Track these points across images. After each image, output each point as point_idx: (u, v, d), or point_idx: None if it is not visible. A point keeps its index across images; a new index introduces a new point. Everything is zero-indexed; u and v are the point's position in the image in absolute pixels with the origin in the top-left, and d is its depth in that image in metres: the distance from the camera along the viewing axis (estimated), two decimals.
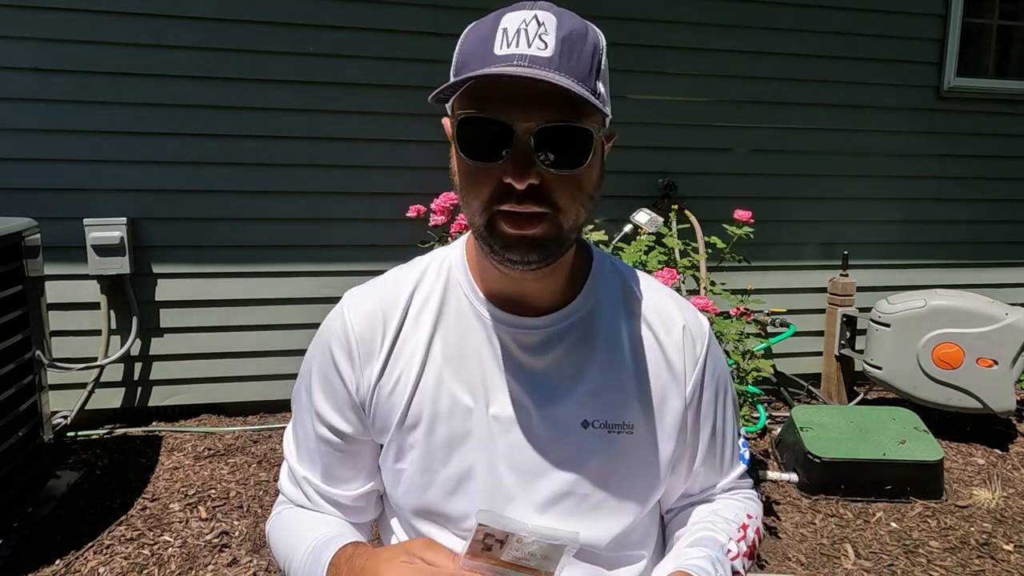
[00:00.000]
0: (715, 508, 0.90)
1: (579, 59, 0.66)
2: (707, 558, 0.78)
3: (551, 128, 0.65)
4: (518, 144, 0.66)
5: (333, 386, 0.83)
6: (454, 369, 0.81)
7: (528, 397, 0.80)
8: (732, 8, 3.40)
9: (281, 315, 3.15)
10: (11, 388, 2.26)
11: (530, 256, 0.70)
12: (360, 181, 3.16)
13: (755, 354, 2.66)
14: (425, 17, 3.09)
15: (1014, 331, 2.93)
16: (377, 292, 0.84)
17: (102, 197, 2.93)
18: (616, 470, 0.81)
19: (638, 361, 0.83)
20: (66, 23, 2.81)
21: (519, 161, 0.66)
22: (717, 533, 0.84)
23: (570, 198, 0.69)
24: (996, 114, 3.75)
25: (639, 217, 2.81)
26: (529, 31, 0.66)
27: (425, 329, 0.81)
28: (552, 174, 0.67)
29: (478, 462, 0.80)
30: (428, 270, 0.85)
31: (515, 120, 0.65)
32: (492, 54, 0.66)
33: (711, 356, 0.87)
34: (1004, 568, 2.21)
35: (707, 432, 0.87)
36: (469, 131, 0.68)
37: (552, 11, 0.68)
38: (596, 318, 0.83)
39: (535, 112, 0.65)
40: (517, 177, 0.66)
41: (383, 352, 0.81)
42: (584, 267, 0.85)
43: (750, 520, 0.88)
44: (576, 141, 0.67)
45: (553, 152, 0.66)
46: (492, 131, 0.66)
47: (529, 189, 0.67)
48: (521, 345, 0.80)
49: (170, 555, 2.16)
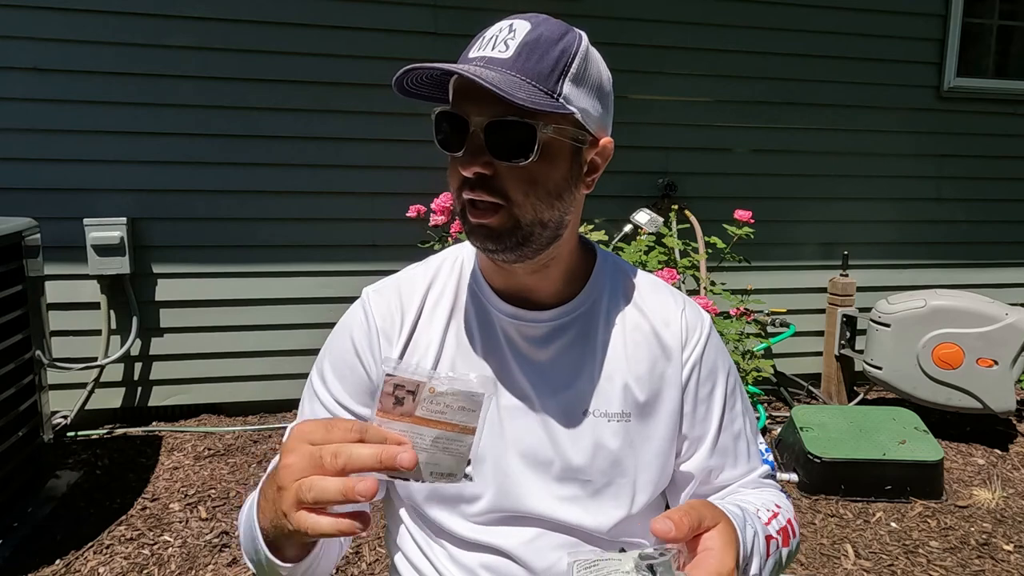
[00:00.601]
0: (742, 494, 0.89)
1: (540, 60, 0.71)
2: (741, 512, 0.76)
3: (497, 122, 0.71)
4: (472, 136, 0.72)
5: (354, 372, 0.86)
6: (466, 359, 0.85)
7: (533, 387, 0.84)
8: (732, 8, 3.40)
9: (281, 315, 3.15)
10: (11, 388, 2.26)
11: (487, 244, 0.75)
12: (360, 181, 3.16)
13: (755, 354, 2.66)
14: (425, 17, 3.09)
15: (1014, 331, 2.93)
16: (396, 287, 0.89)
17: (102, 197, 2.93)
18: (616, 457, 0.84)
19: (636, 351, 0.86)
20: (66, 23, 2.81)
21: (469, 151, 0.72)
22: (748, 505, 0.83)
23: (523, 192, 0.73)
24: (996, 114, 3.75)
25: (639, 217, 2.81)
26: (499, 36, 0.73)
27: (440, 322, 0.86)
28: (503, 166, 0.72)
29: (488, 448, 0.83)
30: (443, 266, 0.91)
31: (470, 114, 0.72)
32: (466, 57, 0.74)
33: (710, 348, 0.89)
34: (1004, 568, 2.21)
35: (714, 424, 0.88)
36: (440, 124, 0.75)
37: (530, 20, 0.74)
38: (598, 313, 0.87)
39: (488, 108, 0.70)
40: (465, 165, 0.72)
41: (401, 341, 0.86)
42: (587, 265, 0.89)
43: (779, 509, 0.86)
44: (517, 135, 0.71)
45: (500, 145, 0.71)
46: (455, 125, 0.73)
47: (480, 179, 0.72)
48: (526, 337, 0.85)
49: (170, 555, 2.16)
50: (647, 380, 0.85)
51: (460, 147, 0.72)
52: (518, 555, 0.83)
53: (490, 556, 0.83)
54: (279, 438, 2.99)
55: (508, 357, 0.84)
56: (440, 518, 0.85)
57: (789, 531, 0.84)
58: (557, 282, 0.85)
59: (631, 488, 0.85)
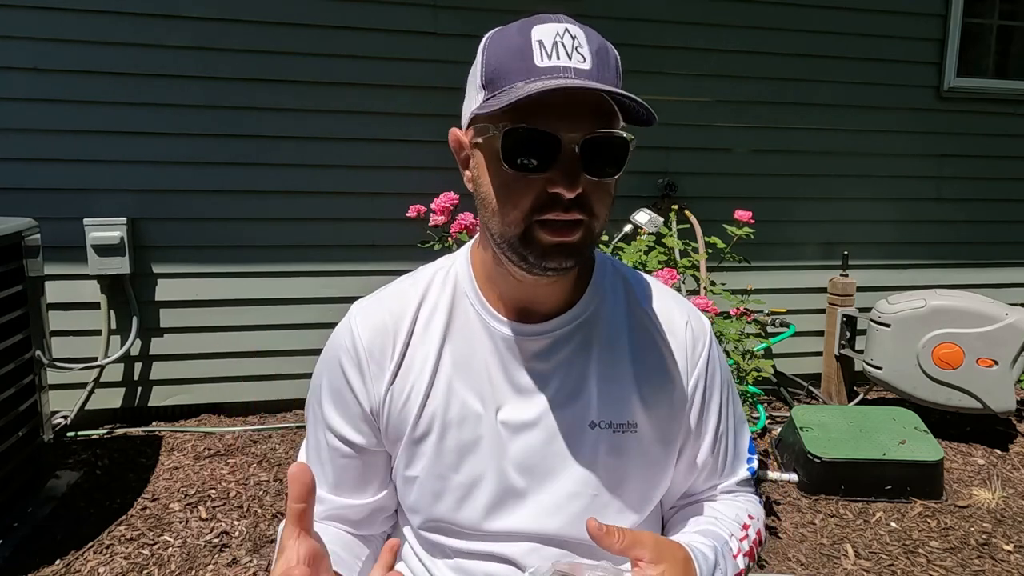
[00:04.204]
0: (716, 507, 0.91)
1: (609, 69, 0.70)
2: (711, 546, 0.79)
3: (595, 138, 0.68)
4: (565, 154, 0.67)
5: (345, 400, 0.84)
6: (463, 377, 0.82)
7: (535, 401, 0.82)
8: (732, 8, 3.40)
9: (281, 315, 3.15)
10: (11, 388, 2.26)
11: (567, 263, 0.72)
12: (360, 181, 3.16)
13: (755, 354, 2.66)
14: (425, 17, 3.09)
15: (1014, 331, 2.92)
16: (384, 304, 0.85)
17: (102, 197, 2.93)
18: (622, 469, 0.83)
19: (641, 361, 0.84)
20: (66, 23, 2.81)
21: (568, 171, 0.68)
22: (719, 528, 0.85)
23: (604, 205, 0.73)
24: (996, 114, 3.75)
25: (639, 217, 2.81)
26: (566, 44, 0.68)
27: (435, 339, 0.83)
28: (593, 182, 0.70)
29: (488, 467, 0.81)
30: (434, 281, 0.86)
31: (561, 131, 0.67)
32: (534, 66, 0.67)
33: (713, 356, 0.89)
34: (1004, 568, 2.21)
35: (711, 432, 0.89)
36: (515, 142, 0.68)
37: (578, 25, 0.71)
38: (599, 320, 0.84)
39: (578, 123, 0.67)
40: (568, 187, 0.68)
41: (393, 363, 0.82)
42: (586, 270, 0.86)
43: (751, 521, 0.89)
44: (616, 149, 0.70)
45: (596, 161, 0.69)
46: (539, 142, 0.67)
47: (577, 198, 0.69)
48: (527, 350, 0.82)
49: (170, 555, 2.16)
50: (653, 391, 0.84)
51: (544, 165, 0.68)
52: (521, 564, 0.82)
53: (492, 564, 0.83)
54: (279, 438, 3.00)
55: (507, 371, 0.82)
56: (441, 542, 0.84)
57: (755, 548, 0.86)
58: (566, 289, 0.83)
59: (636, 499, 0.84)
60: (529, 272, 0.74)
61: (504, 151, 0.68)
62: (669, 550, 0.71)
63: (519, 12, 0.76)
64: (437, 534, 0.85)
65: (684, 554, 0.73)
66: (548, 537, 0.82)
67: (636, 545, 0.69)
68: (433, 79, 3.08)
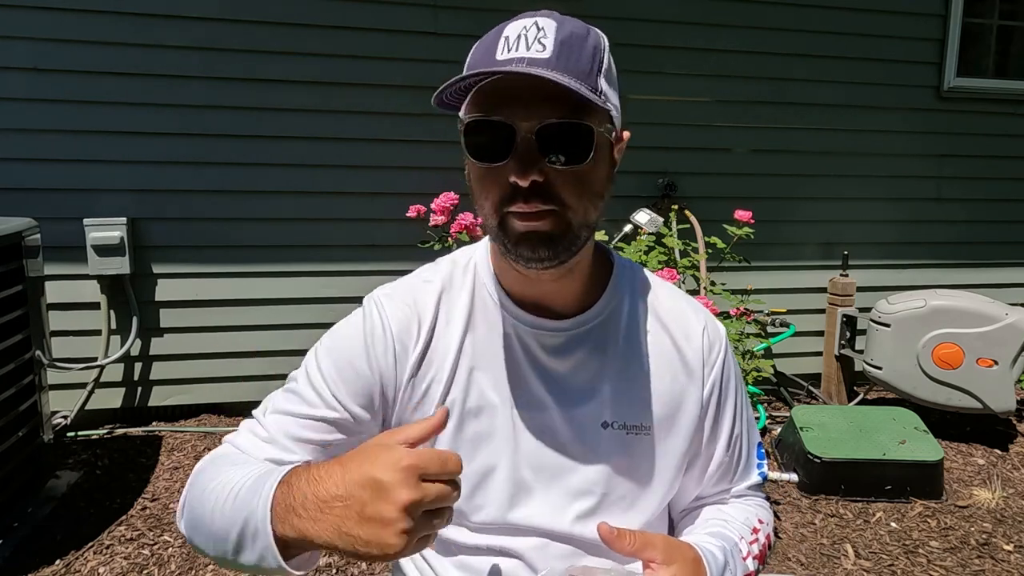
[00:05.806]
0: (727, 510, 0.92)
1: (579, 58, 0.68)
2: (720, 547, 0.80)
3: (552, 125, 0.67)
4: (521, 143, 0.68)
5: (360, 376, 0.81)
6: (483, 368, 0.82)
7: (550, 398, 0.82)
8: (732, 8, 3.40)
9: (281, 315, 3.15)
10: (11, 388, 2.26)
11: (540, 251, 0.71)
12: (360, 181, 3.16)
13: (755, 354, 2.66)
14: (425, 17, 3.08)
15: (1014, 331, 2.92)
16: (410, 292, 0.85)
17: (102, 197, 2.93)
18: (633, 470, 0.83)
19: (657, 364, 0.85)
20: (66, 23, 2.81)
21: (522, 159, 0.68)
22: (729, 530, 0.86)
23: (576, 195, 0.71)
24: (996, 114, 3.75)
25: (639, 217, 2.81)
26: (529, 36, 0.68)
27: (457, 329, 0.83)
28: (557, 171, 0.69)
29: (501, 459, 0.82)
30: (455, 271, 0.87)
31: (517, 120, 0.67)
32: (494, 60, 0.68)
33: (728, 362, 0.89)
34: (1004, 568, 2.21)
35: (724, 436, 0.89)
36: (475, 134, 0.70)
37: (553, 17, 0.71)
38: (616, 322, 0.85)
39: (536, 111, 0.67)
40: (520, 175, 0.67)
41: (418, 350, 0.82)
42: (605, 272, 0.87)
43: (761, 525, 0.90)
44: (577, 137, 0.68)
45: (556, 149, 0.68)
46: (496, 133, 0.68)
47: (534, 187, 0.68)
48: (544, 347, 0.82)
49: (170, 555, 2.16)
50: (668, 394, 0.84)
51: (504, 155, 0.68)
52: (527, 559, 0.82)
53: (497, 558, 0.83)
54: None
55: (525, 367, 0.82)
56: (446, 530, 0.83)
57: (765, 551, 0.87)
58: (577, 289, 0.83)
59: (646, 500, 0.85)
60: (515, 262, 0.74)
61: (466, 144, 0.70)
62: (679, 551, 0.72)
63: (519, 12, 0.76)
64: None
65: (694, 554, 0.74)
66: (556, 533, 0.82)
67: (647, 547, 0.70)
68: (433, 79, 3.03)
